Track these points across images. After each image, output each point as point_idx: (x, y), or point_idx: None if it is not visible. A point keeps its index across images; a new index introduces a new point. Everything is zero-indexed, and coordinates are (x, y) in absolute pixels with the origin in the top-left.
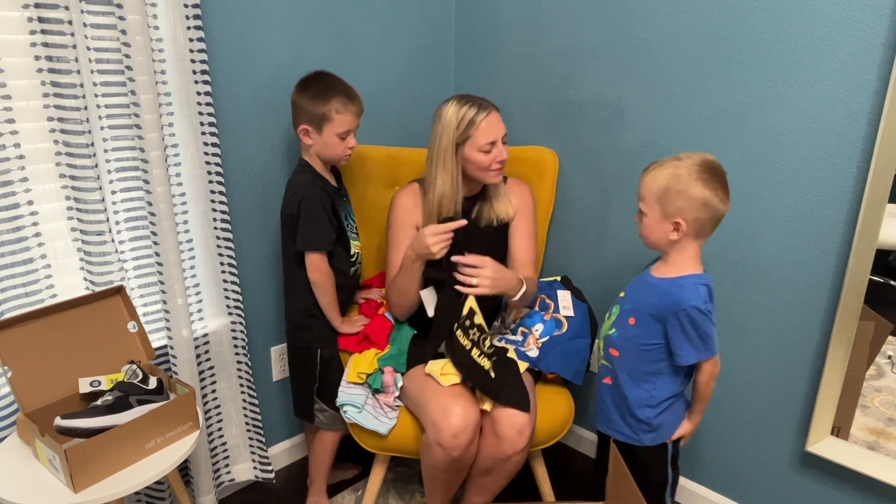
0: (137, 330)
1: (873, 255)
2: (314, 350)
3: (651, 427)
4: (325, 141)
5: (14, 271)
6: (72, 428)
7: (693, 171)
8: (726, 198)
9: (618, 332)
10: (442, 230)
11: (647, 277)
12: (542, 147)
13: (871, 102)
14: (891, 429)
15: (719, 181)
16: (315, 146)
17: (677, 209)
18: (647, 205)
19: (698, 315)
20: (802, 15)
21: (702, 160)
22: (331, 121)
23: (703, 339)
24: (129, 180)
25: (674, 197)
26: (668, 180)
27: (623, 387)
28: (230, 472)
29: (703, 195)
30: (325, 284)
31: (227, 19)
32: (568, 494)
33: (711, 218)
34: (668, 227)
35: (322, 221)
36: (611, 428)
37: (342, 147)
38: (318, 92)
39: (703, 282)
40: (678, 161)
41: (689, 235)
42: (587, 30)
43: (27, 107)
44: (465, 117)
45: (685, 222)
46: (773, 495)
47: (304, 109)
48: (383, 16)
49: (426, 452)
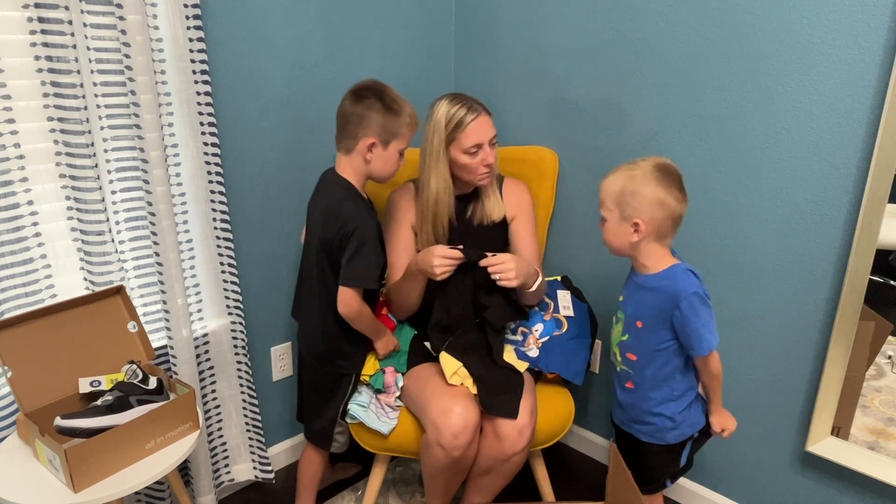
0: (137, 330)
1: (873, 255)
2: (350, 376)
3: (675, 423)
4: (387, 157)
5: (14, 271)
6: (72, 428)
7: (647, 172)
8: (682, 197)
9: (631, 337)
10: (450, 255)
11: (636, 278)
12: (542, 147)
13: (871, 102)
14: (891, 429)
15: (673, 181)
16: (374, 162)
17: (634, 209)
18: (607, 209)
19: (699, 300)
20: (802, 15)
21: (655, 162)
22: (400, 136)
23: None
24: (129, 180)
25: (629, 198)
26: (623, 183)
27: (647, 389)
28: (230, 472)
29: (657, 194)
30: (355, 318)
31: (227, 19)
32: (568, 494)
33: (668, 217)
34: (627, 229)
35: (372, 260)
36: (637, 430)
37: (398, 164)
38: (389, 104)
39: (689, 269)
40: (633, 165)
41: (649, 236)
42: (587, 30)
43: (27, 107)
44: (453, 118)
45: (643, 222)
46: (773, 495)
47: (374, 122)
48: (383, 16)
49: (426, 452)
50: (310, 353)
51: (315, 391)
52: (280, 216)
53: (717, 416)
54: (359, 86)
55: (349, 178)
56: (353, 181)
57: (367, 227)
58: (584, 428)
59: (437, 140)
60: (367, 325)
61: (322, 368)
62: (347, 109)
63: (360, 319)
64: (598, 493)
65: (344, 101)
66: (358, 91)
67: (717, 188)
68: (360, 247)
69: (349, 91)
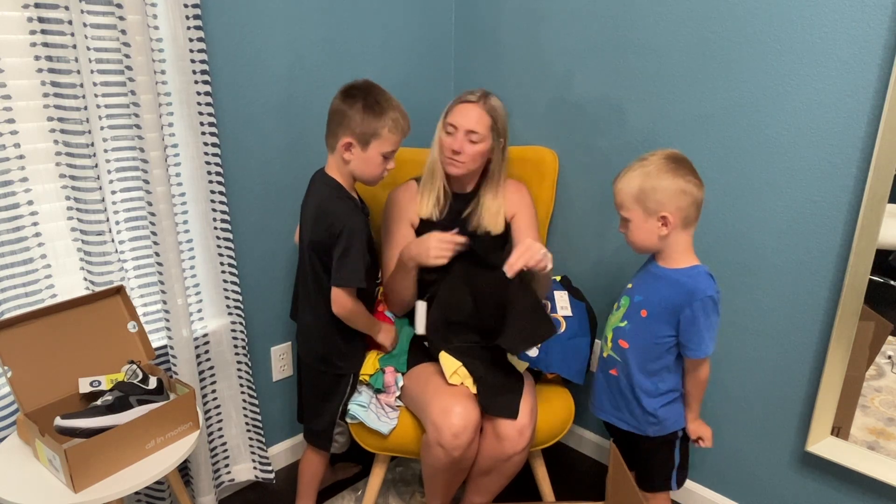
0: (137, 330)
1: (873, 255)
2: (347, 376)
3: (657, 419)
4: (367, 158)
5: (14, 271)
6: (72, 428)
7: (661, 166)
8: (699, 182)
9: (630, 325)
10: (448, 239)
11: (654, 269)
12: (542, 147)
13: (871, 102)
14: (891, 429)
15: (687, 168)
16: (354, 163)
17: (657, 203)
18: (628, 209)
19: (713, 304)
20: (802, 15)
21: (665, 154)
22: (379, 138)
23: (712, 331)
24: (129, 180)
25: (651, 194)
26: (641, 181)
27: (633, 378)
28: (230, 473)
29: (678, 184)
30: (350, 317)
31: (227, 19)
32: (568, 494)
33: (692, 204)
34: (655, 225)
35: (359, 260)
36: (616, 417)
37: (382, 167)
38: (371, 105)
39: (710, 273)
40: (644, 161)
41: (677, 227)
42: (587, 30)
43: (27, 107)
44: (460, 97)
45: (670, 214)
46: (773, 495)
47: (353, 121)
48: (383, 16)
49: (426, 452)
50: (308, 355)
51: (314, 392)
52: (280, 216)
53: (694, 424)
54: (349, 84)
55: (336, 178)
56: (340, 181)
57: (355, 226)
58: (584, 428)
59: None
60: (364, 323)
61: (320, 369)
62: (333, 107)
63: (355, 318)
64: (598, 493)
65: (334, 100)
66: (347, 89)
67: (717, 188)
68: (349, 247)
69: (340, 89)
